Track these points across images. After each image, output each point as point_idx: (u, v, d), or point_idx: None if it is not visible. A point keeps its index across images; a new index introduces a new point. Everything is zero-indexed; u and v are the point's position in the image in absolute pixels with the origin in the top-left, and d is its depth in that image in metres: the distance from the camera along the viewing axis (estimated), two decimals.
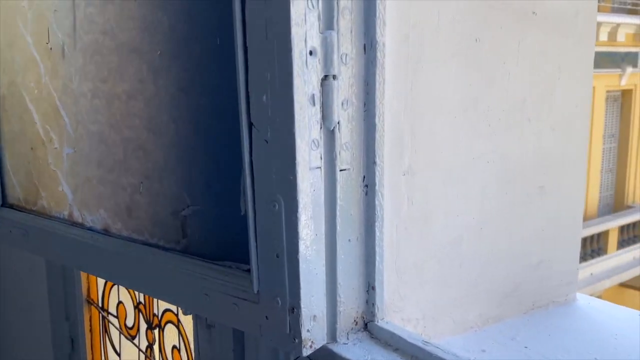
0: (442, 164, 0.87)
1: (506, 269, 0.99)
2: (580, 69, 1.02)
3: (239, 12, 0.73)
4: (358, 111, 0.76)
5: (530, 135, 0.97)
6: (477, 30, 0.86)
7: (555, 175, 1.02)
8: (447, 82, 0.86)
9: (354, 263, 0.79)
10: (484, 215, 0.94)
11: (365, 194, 0.78)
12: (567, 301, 1.09)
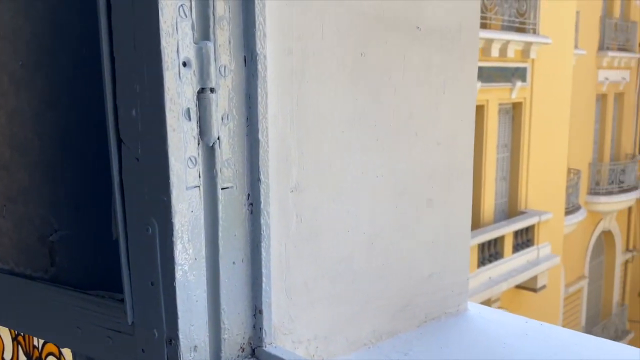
0: (331, 180, 0.86)
1: (398, 283, 0.99)
2: (464, 84, 1.04)
3: (105, 20, 0.67)
4: (240, 126, 0.72)
5: (418, 149, 0.98)
6: (363, 45, 0.86)
7: (443, 188, 1.03)
8: (333, 96, 0.84)
9: (239, 286, 0.75)
10: (374, 230, 0.93)
11: (250, 213, 0.74)
12: (459, 311, 1.11)
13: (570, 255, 15.66)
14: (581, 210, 15.17)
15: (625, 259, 18.76)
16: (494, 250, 10.81)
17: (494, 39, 10.08)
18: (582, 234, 16.30)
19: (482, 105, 10.69)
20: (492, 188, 11.30)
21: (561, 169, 13.70)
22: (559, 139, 13.43)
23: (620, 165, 16.95)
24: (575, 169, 15.11)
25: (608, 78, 16.38)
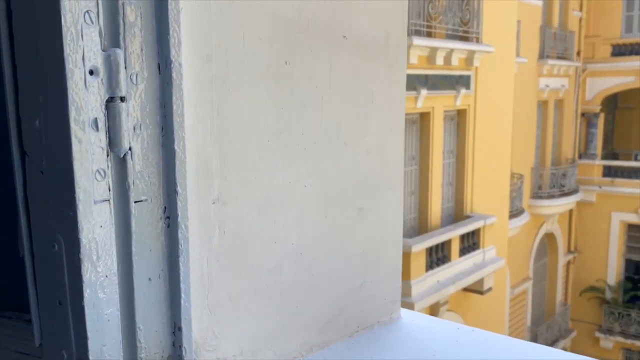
0: (257, 190, 0.84)
1: (329, 293, 0.98)
2: (393, 93, 1.04)
3: (5, 25, 0.63)
4: (154, 136, 0.69)
5: (347, 159, 0.97)
6: (287, 53, 0.85)
7: (373, 197, 1.03)
8: (257, 105, 0.82)
9: (156, 303, 0.72)
10: (304, 241, 0.92)
11: (166, 227, 0.72)
12: (392, 320, 1.11)
13: (515, 258, 16.15)
14: (525, 213, 15.67)
15: (567, 260, 19.50)
16: (441, 254, 11.01)
17: (438, 47, 10.30)
18: (526, 237, 16.84)
19: (428, 112, 10.91)
20: (439, 193, 11.51)
21: (505, 174, 14.12)
22: (503, 145, 13.84)
23: (561, 170, 17.64)
24: (518, 174, 15.61)
25: (548, 85, 17.04)
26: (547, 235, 18.46)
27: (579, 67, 18.63)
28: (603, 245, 19.26)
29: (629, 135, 22.21)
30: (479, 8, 11.16)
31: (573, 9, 18.14)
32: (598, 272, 19.33)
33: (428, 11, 10.07)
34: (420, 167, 11.21)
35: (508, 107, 13.93)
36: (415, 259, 10.13)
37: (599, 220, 19.20)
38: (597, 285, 19.22)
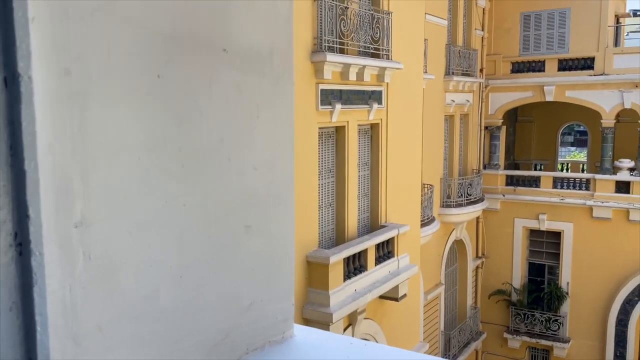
0: (127, 211, 0.79)
1: (214, 316, 0.94)
2: (281, 108, 1.03)
3: None
4: (2, 156, 0.63)
5: (232, 175, 0.94)
6: (159, 66, 0.81)
7: (262, 214, 1.01)
8: (127, 120, 0.78)
9: (9, 338, 0.65)
10: (184, 262, 0.88)
11: (18, 255, 0.65)
12: (284, 339, 1.08)
13: (428, 265, 16.71)
14: (435, 222, 16.26)
15: (476, 265, 20.44)
16: (358, 264, 11.16)
17: (351, 63, 10.53)
18: (437, 244, 17.49)
19: (343, 126, 11.10)
20: (355, 204, 11.70)
21: (416, 185, 14.60)
22: (414, 157, 14.32)
23: (468, 180, 18.51)
24: (429, 184, 16.20)
25: (454, 100, 17.87)
26: (457, 242, 19.27)
27: (482, 83, 19.72)
28: (508, 250, 20.38)
29: (528, 147, 23.75)
30: (389, 27, 11.53)
31: (476, 28, 19.21)
32: (504, 276, 20.40)
33: (340, 29, 10.27)
34: (337, 179, 11.35)
35: (418, 121, 14.44)
36: (334, 269, 10.21)
37: (504, 227, 20.32)
38: (503, 288, 20.27)
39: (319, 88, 10.12)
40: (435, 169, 17.15)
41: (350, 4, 10.54)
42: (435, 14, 16.18)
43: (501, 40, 19.99)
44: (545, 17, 19.23)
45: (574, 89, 18.90)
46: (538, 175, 20.16)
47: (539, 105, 21.08)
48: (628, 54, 18.31)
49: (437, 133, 17.05)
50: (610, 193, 18.44)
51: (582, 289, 19.16)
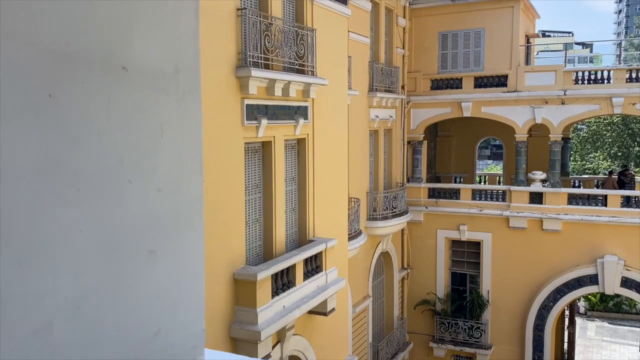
0: (15, 239, 0.73)
1: (117, 347, 0.89)
2: (187, 127, 1.00)
3: None
4: None
5: (134, 198, 0.90)
6: (51, 85, 0.76)
7: (168, 238, 0.97)
8: (13, 142, 0.72)
9: None
10: (80, 293, 0.83)
11: None
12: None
13: (355, 278, 16.90)
14: (362, 235, 16.50)
15: (402, 276, 20.88)
16: (286, 280, 11.10)
17: (276, 79, 10.56)
18: (365, 257, 17.74)
19: (270, 141, 11.08)
20: (282, 220, 11.66)
21: (343, 198, 14.78)
22: (340, 171, 14.50)
23: (393, 193, 18.95)
24: (355, 198, 16.44)
25: (378, 116, 18.31)
26: (383, 254, 19.64)
27: (404, 99, 20.35)
28: (432, 260, 21.00)
29: (448, 160, 24.69)
30: (313, 43, 11.68)
31: (397, 46, 19.84)
32: (429, 286, 20.98)
33: (265, 44, 10.29)
34: (264, 194, 11.28)
35: (343, 136, 14.66)
36: (261, 286, 10.09)
37: (427, 238, 20.95)
38: (428, 298, 20.83)
39: (244, 103, 10.06)
40: (361, 183, 17.44)
41: (274, 20, 10.59)
42: (358, 32, 16.57)
43: (421, 58, 20.75)
44: (462, 36, 20.17)
45: (489, 105, 19.88)
46: (458, 188, 20.97)
47: (457, 120, 22.01)
48: (538, 72, 19.51)
49: (362, 147, 17.37)
50: (525, 204, 19.45)
51: (501, 296, 20.01)
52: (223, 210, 9.56)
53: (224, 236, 9.62)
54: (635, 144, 39.66)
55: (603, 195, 18.91)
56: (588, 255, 18.75)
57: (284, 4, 11.61)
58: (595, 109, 18.88)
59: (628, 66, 19.35)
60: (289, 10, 11.79)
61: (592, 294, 26.36)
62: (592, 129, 41.42)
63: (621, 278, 18.26)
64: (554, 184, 19.27)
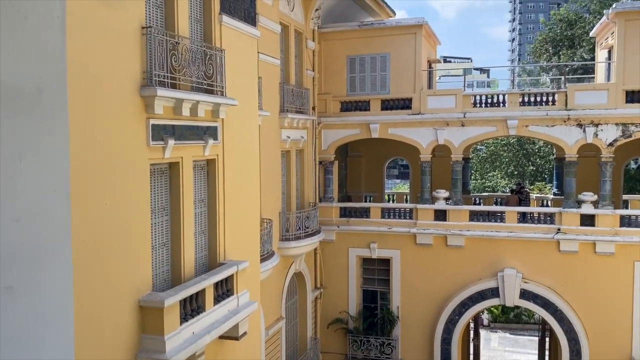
0: None
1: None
2: (51, 150, 0.93)
3: None
4: None
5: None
6: None
7: (28, 271, 0.89)
8: None
9: None
10: None
11: None
12: None
13: (268, 300, 16.74)
14: (275, 255, 16.42)
15: (315, 296, 20.95)
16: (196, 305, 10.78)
17: (184, 99, 10.35)
18: (278, 278, 17.64)
19: (178, 162, 10.80)
20: (191, 243, 11.35)
21: (255, 219, 14.65)
22: (252, 192, 14.38)
23: (305, 213, 19.05)
24: (268, 219, 16.36)
25: (290, 136, 18.43)
26: (297, 275, 19.63)
27: (315, 120, 20.65)
28: (344, 279, 21.26)
29: (359, 180, 25.27)
30: (222, 63, 11.59)
31: (307, 69, 20.16)
32: (341, 305, 21.18)
33: (172, 63, 10.08)
34: (172, 217, 10.94)
35: (255, 157, 14.59)
36: (169, 313, 9.73)
37: (339, 257, 21.22)
38: (341, 317, 21.02)
39: (149, 123, 9.76)
40: (273, 203, 17.40)
41: (181, 39, 10.42)
42: (269, 54, 16.68)
43: (331, 81, 21.21)
44: (369, 60, 20.87)
45: (395, 127, 20.62)
46: (368, 207, 21.47)
47: (366, 141, 22.62)
48: (440, 96, 20.53)
49: (274, 168, 17.37)
50: (430, 221, 20.24)
51: (411, 311, 20.58)
52: (127, 235, 9.16)
53: (128, 262, 9.20)
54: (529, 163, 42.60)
55: (502, 212, 20.08)
56: (490, 269, 19.76)
57: (192, 24, 11.46)
58: (492, 131, 20.09)
59: (521, 90, 20.83)
60: (196, 30, 11.65)
61: (495, 306, 27.76)
62: (490, 150, 44.08)
63: (520, 290, 19.37)
64: (457, 201, 20.21)
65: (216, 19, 11.91)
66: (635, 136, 18.35)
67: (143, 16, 9.72)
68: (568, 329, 18.91)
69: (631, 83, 18.16)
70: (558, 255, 19.03)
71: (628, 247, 18.27)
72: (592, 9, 41.16)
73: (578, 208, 18.83)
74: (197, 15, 11.69)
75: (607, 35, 21.45)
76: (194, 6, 11.59)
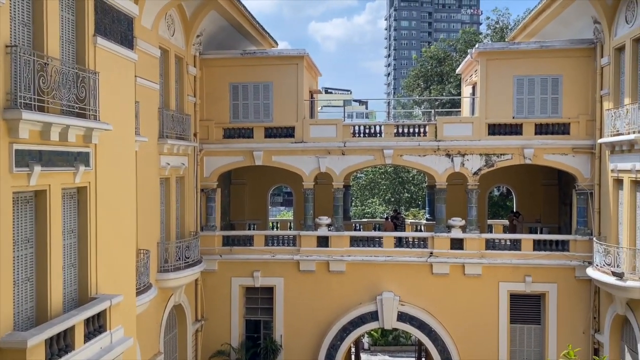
0: None
1: None
2: None
3: None
4: None
5: None
6: None
7: None
8: None
9: None
10: None
11: None
12: None
13: (145, 334, 15.93)
14: (153, 288, 15.73)
15: (196, 329, 20.29)
16: (64, 344, 10.00)
17: (52, 122, 9.73)
18: (155, 311, 16.88)
19: (45, 190, 10.08)
20: (59, 277, 10.57)
21: (130, 250, 13.98)
22: (127, 221, 13.73)
23: (186, 242, 18.53)
24: (145, 249, 15.68)
25: (169, 163, 17.93)
26: (176, 307, 18.91)
27: (197, 147, 20.31)
28: (226, 310, 20.85)
29: (242, 207, 25.12)
30: (95, 86, 11.08)
31: (188, 94, 19.85)
32: (223, 336, 20.71)
33: (39, 85, 9.47)
34: (37, 249, 10.14)
35: (130, 184, 14.00)
36: (33, 353, 8.96)
37: (222, 287, 20.81)
38: (223, 349, 20.52)
39: (12, 148, 9.05)
40: (151, 233, 16.73)
41: (50, 60, 9.84)
42: (147, 78, 16.23)
43: (213, 107, 21.05)
44: (252, 88, 21.03)
45: (279, 155, 20.86)
46: (251, 234, 21.38)
47: (250, 168, 22.63)
48: (321, 125, 21.16)
49: (152, 196, 16.76)
50: (313, 247, 20.58)
51: (294, 339, 20.61)
52: None
53: None
54: (404, 191, 44.97)
55: (380, 237, 20.92)
56: (369, 293, 20.42)
57: (63, 44, 10.88)
58: (370, 159, 21.02)
59: (396, 122, 22.05)
60: (68, 51, 11.07)
61: (374, 330, 28.62)
62: (369, 177, 46.00)
63: (397, 313, 20.18)
64: (338, 227, 20.77)
65: (90, 40, 11.40)
66: (497, 165, 20.10)
67: (8, 34, 9.08)
68: (442, 349, 19.96)
69: (493, 117, 19.95)
70: (431, 277, 20.14)
71: (493, 269, 19.79)
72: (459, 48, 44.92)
73: (448, 232, 20.13)
74: (70, 36, 11.12)
75: (471, 73, 23.48)
76: (66, 26, 11.02)
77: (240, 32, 22.03)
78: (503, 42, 25.04)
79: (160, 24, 17.26)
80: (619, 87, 17.55)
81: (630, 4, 16.61)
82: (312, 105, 24.42)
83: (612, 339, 17.75)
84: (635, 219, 16.32)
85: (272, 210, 31.01)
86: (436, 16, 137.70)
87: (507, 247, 20.18)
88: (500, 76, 19.89)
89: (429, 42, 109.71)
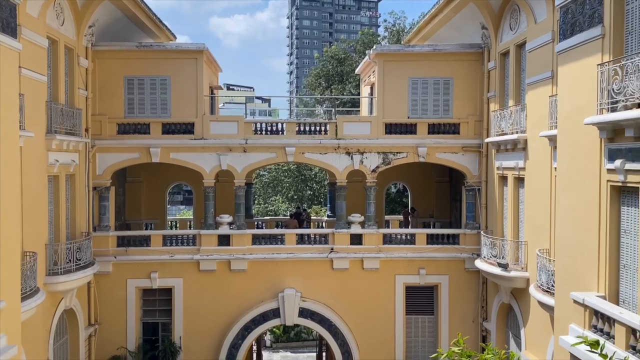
0: None
1: None
2: None
3: None
4: None
5: None
6: None
7: None
8: None
9: None
10: None
11: None
12: None
13: (32, 342, 14.88)
14: (40, 292, 14.72)
15: (89, 334, 19.24)
16: None
17: None
18: (44, 317, 15.81)
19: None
20: None
21: (15, 253, 13.01)
22: (10, 222, 12.76)
23: (77, 244, 17.50)
24: (31, 252, 14.64)
25: (58, 160, 16.84)
26: (67, 312, 17.83)
27: (89, 142, 19.23)
28: (122, 313, 19.95)
29: (139, 207, 24.12)
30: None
31: (79, 87, 18.74)
32: (119, 340, 19.81)
33: None
34: None
35: (14, 182, 13.04)
36: None
37: (117, 289, 19.88)
38: (118, 353, 19.62)
39: None
40: (38, 234, 15.64)
41: None
42: (33, 69, 15.13)
43: (106, 101, 20.02)
44: (148, 82, 20.23)
45: (177, 151, 20.26)
46: (148, 235, 20.59)
47: (147, 166, 21.78)
48: (222, 122, 20.78)
49: (39, 195, 15.67)
50: (214, 246, 20.21)
51: (194, 340, 20.15)
52: None
53: None
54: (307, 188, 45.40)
55: (282, 234, 20.97)
56: (271, 291, 20.41)
57: None
58: (272, 157, 20.99)
59: (298, 120, 22.19)
60: None
61: (277, 327, 28.65)
62: (272, 175, 45.95)
63: (299, 309, 20.35)
64: (240, 226, 20.56)
65: None
66: (394, 163, 20.85)
67: None
68: (342, 342, 20.40)
69: (389, 116, 20.66)
70: (332, 272, 20.51)
71: (390, 262, 20.53)
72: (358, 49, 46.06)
73: (348, 228, 20.60)
74: None
75: (369, 73, 24.16)
76: None
77: (136, 24, 21.12)
78: (399, 45, 25.98)
79: (49, 12, 16.15)
80: (504, 90, 18.84)
81: (513, 12, 17.88)
82: (213, 101, 23.96)
83: (498, 326, 19.05)
84: (519, 214, 17.62)
85: (171, 209, 30.07)
86: (337, 17, 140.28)
87: (403, 241, 21.00)
88: (396, 77, 20.63)
89: (330, 42, 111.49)
